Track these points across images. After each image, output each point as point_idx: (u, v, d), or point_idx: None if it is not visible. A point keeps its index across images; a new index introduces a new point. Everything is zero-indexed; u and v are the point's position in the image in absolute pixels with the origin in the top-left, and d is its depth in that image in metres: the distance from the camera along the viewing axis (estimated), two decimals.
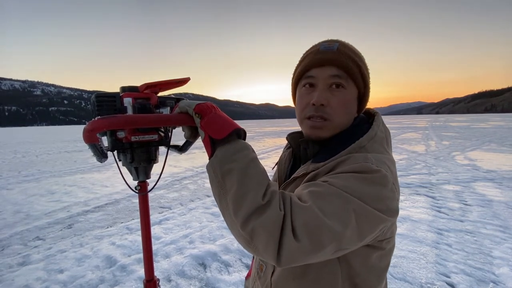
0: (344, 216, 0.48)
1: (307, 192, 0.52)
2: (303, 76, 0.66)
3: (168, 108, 0.70)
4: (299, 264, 0.48)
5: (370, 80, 0.68)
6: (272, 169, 0.86)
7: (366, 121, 0.68)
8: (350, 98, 0.64)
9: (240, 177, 0.49)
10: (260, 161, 0.54)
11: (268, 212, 0.46)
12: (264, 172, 0.52)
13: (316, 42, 0.68)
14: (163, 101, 0.70)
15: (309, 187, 0.53)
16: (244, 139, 0.57)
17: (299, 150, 0.71)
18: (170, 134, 0.73)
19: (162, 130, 0.71)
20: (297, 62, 0.70)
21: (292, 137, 0.75)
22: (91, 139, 0.52)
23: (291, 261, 0.47)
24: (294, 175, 0.66)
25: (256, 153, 0.68)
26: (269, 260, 0.47)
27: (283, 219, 0.46)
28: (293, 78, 0.71)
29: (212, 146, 0.54)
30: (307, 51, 0.67)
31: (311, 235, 0.45)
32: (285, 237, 0.45)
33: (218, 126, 0.53)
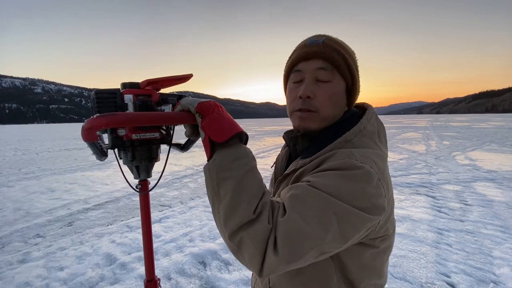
0: (325, 220, 0.47)
1: (288, 196, 0.52)
2: (291, 71, 0.67)
3: (170, 105, 0.69)
4: (281, 272, 0.49)
5: (361, 75, 0.68)
6: (271, 167, 0.86)
7: (358, 115, 0.67)
8: (338, 91, 0.63)
9: (235, 188, 0.48)
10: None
11: (257, 226, 0.47)
12: (260, 182, 0.52)
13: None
14: (165, 98, 0.69)
15: (291, 190, 0.53)
16: (246, 143, 0.56)
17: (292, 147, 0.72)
18: (172, 132, 0.72)
19: (164, 128, 0.70)
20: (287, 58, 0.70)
21: (288, 135, 0.75)
22: (89, 137, 0.51)
23: (272, 273, 0.48)
24: (285, 172, 0.67)
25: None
26: (252, 270, 0.49)
27: (270, 233, 0.47)
28: (283, 73, 0.72)
29: (211, 149, 0.52)
30: (296, 47, 0.68)
31: (290, 245, 0.46)
32: (268, 250, 0.46)
33: (219, 128, 0.51)
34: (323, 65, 0.62)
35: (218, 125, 0.52)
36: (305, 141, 0.66)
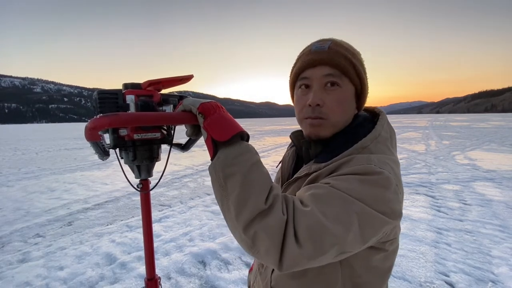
0: (347, 219, 0.48)
1: (309, 194, 0.52)
2: (298, 78, 0.66)
3: (171, 105, 0.69)
4: (300, 268, 0.48)
5: (368, 77, 0.67)
6: (276, 167, 0.86)
7: (370, 120, 0.67)
8: (347, 96, 0.63)
9: (242, 181, 0.48)
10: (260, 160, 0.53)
11: (271, 217, 0.46)
12: (267, 175, 0.52)
13: (312, 41, 0.68)
14: (166, 99, 0.69)
15: (311, 190, 0.53)
16: (247, 142, 0.57)
17: (301, 150, 0.71)
18: (173, 132, 0.72)
19: (165, 127, 0.70)
20: (292, 64, 0.70)
21: (296, 136, 0.75)
22: (92, 137, 0.52)
23: (293, 266, 0.47)
24: (297, 175, 0.66)
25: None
26: (270, 265, 0.48)
27: (286, 224, 0.46)
28: (289, 80, 0.71)
29: (214, 148, 0.53)
30: (300, 53, 0.68)
31: (313, 239, 0.45)
32: (288, 242, 0.45)
33: (221, 128, 0.52)
34: (330, 71, 0.61)
35: (220, 125, 0.53)
36: (318, 146, 0.66)
